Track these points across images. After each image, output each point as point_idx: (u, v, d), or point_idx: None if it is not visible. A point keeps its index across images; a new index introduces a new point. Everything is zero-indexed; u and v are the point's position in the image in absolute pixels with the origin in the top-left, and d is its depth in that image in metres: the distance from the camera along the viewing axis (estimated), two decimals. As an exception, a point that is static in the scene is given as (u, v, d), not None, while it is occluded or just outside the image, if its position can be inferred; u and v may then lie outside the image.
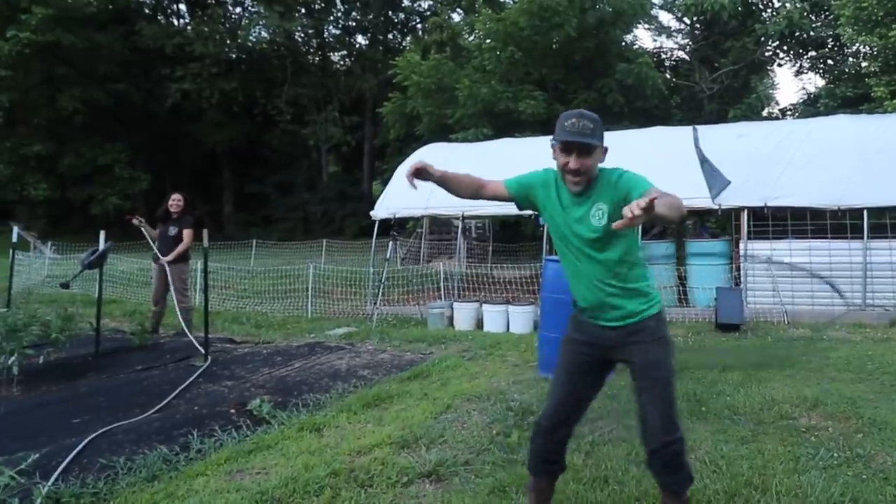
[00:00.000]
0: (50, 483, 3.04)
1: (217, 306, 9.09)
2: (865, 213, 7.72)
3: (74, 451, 3.46)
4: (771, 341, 6.48)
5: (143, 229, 6.83)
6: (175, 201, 7.05)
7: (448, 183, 2.46)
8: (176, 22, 31.79)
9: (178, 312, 6.49)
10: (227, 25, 30.28)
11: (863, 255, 7.66)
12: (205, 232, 6.15)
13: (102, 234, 6.32)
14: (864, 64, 16.86)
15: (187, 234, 6.95)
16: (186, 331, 6.34)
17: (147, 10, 30.58)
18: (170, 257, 6.82)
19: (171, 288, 6.89)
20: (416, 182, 2.41)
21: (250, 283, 10.66)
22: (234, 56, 29.94)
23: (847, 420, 3.70)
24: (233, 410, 4.30)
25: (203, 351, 5.88)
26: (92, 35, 25.18)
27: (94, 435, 3.74)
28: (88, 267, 6.19)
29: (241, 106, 28.77)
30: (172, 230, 6.98)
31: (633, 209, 1.81)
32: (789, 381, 4.65)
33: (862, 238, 7.69)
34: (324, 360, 5.91)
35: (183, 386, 4.90)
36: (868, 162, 8.18)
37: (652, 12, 20.55)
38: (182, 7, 32.29)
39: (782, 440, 3.45)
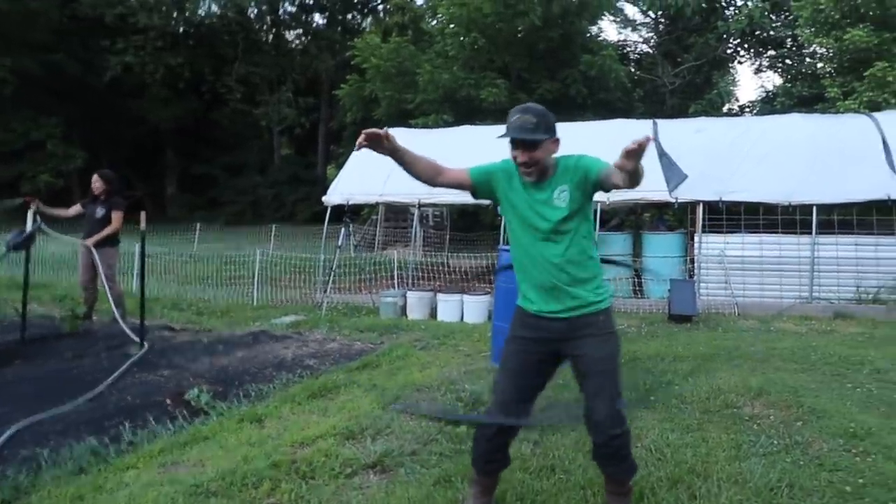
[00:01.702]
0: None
1: (156, 292, 8.82)
2: (814, 209, 8.10)
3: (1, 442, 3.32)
4: (721, 332, 6.73)
5: (44, 211, 6.22)
6: (95, 182, 6.66)
7: (405, 160, 2.39)
8: (118, -10, 30.41)
9: (110, 299, 6.25)
10: (175, -4, 29.18)
11: (810, 250, 8.04)
12: (142, 214, 5.95)
13: (31, 213, 6.05)
14: (819, 65, 17.61)
15: (116, 216, 6.63)
16: (119, 318, 6.11)
17: (87, -23, 29.15)
18: (92, 240, 6.47)
19: (99, 273, 6.57)
20: (369, 152, 2.33)
21: (193, 269, 10.37)
22: (181, 30, 28.91)
23: (788, 409, 3.88)
24: (169, 401, 4.20)
25: (136, 339, 5.70)
26: (27, 1, 23.87)
27: (19, 426, 3.60)
28: (14, 249, 5.92)
29: (187, 82, 27.84)
30: (99, 212, 6.63)
31: (632, 143, 1.97)
32: (736, 371, 4.84)
33: (810, 233, 8.07)
34: (268, 349, 5.83)
35: (116, 375, 4.74)
36: (819, 160, 8.57)
37: (617, 5, 20.93)
38: (125, -26, 30.92)
39: (726, 428, 3.59)
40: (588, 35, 19.09)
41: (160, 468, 3.18)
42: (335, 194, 9.74)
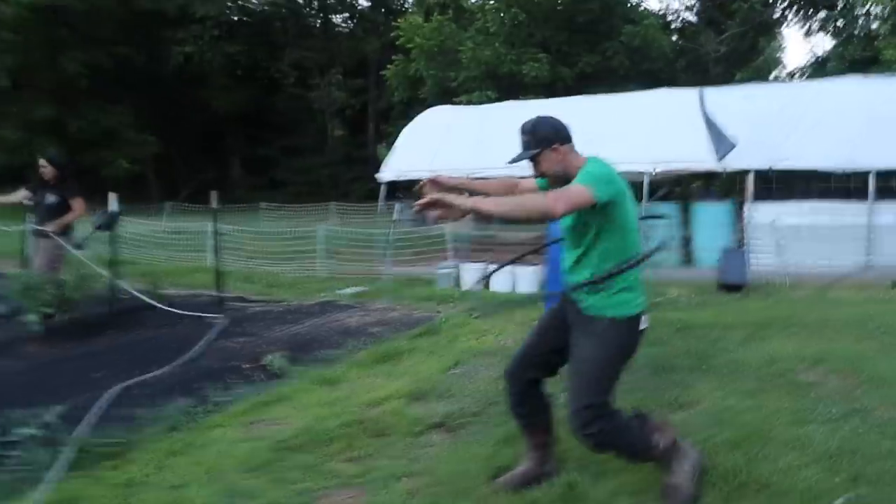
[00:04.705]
0: (77, 433, 3.10)
1: (229, 267, 9.12)
2: (871, 176, 7.63)
3: (103, 404, 3.49)
4: (773, 301, 6.48)
5: None
6: (43, 167, 5.64)
7: (479, 192, 2.66)
8: (177, -17, 30.92)
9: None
10: (228, -14, 29.50)
11: (867, 218, 7.60)
12: (213, 193, 6.15)
13: (112, 196, 6.30)
14: (874, 25, 16.44)
15: (77, 203, 5.65)
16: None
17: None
18: (52, 226, 5.50)
19: (35, 263, 5.70)
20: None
21: (261, 245, 10.66)
22: (235, 18, 29.31)
23: (847, 376, 3.72)
24: (247, 365, 4.38)
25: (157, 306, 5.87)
26: (89, -3, 24.57)
27: (120, 387, 3.80)
28: (100, 229, 6.20)
29: (245, 69, 28.31)
30: (50, 198, 5.63)
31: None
32: (791, 339, 4.66)
33: (866, 201, 7.63)
34: (335, 318, 5.97)
35: (202, 342, 4.94)
36: (875, 125, 8.02)
37: (659, -28, 20.03)
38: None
39: (784, 395, 3.47)
40: (628, 5, 18.38)
41: (244, 427, 3.33)
42: (387, 171, 9.80)
